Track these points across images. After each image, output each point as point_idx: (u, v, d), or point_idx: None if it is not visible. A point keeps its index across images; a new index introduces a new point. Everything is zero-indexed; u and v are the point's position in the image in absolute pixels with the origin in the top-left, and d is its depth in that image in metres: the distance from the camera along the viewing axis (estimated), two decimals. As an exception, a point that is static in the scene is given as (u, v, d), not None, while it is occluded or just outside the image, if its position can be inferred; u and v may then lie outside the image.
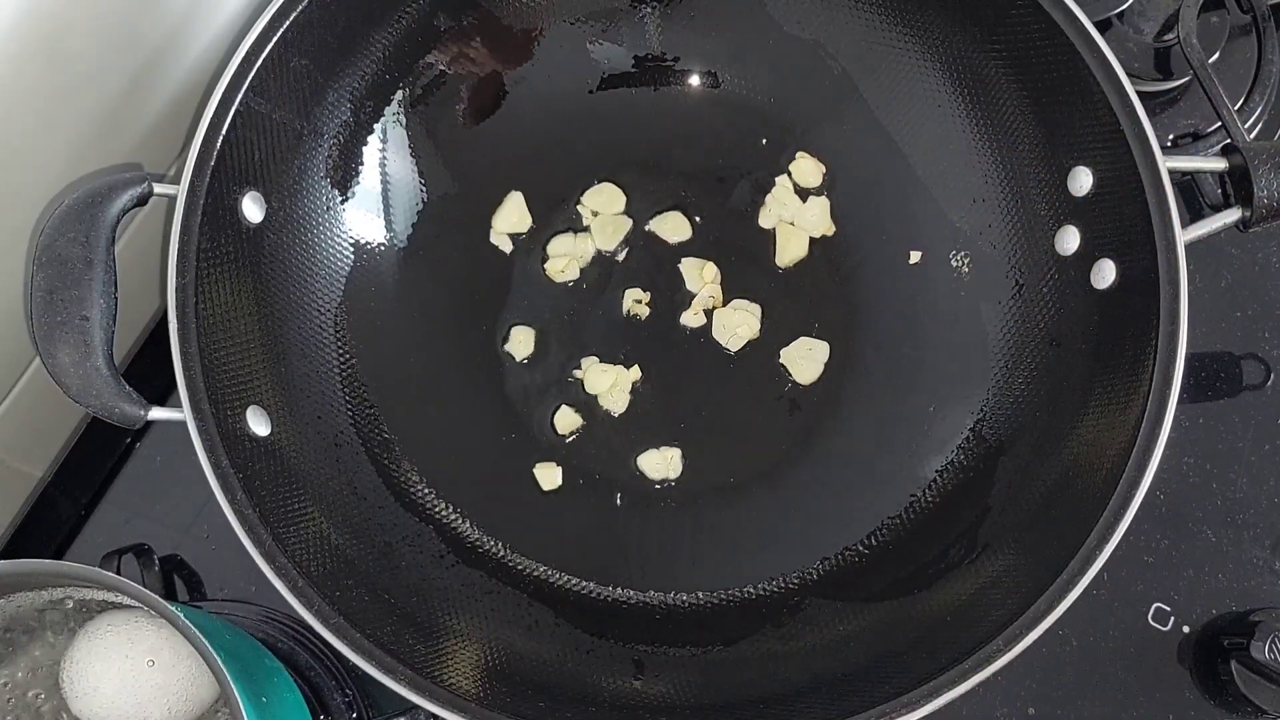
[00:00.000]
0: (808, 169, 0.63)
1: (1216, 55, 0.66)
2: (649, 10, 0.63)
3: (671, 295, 0.63)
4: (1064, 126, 0.56)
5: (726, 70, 0.64)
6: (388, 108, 0.61)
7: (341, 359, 0.60)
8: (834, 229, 0.63)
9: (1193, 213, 0.64)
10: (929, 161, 0.62)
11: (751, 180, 0.64)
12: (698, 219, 0.63)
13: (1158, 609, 0.60)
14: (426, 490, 0.60)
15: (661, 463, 0.60)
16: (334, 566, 0.54)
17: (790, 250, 0.62)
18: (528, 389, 0.62)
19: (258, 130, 0.55)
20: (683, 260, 0.63)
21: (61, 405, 0.52)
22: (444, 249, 0.62)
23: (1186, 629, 0.59)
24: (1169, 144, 0.67)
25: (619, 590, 0.59)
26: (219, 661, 0.43)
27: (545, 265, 0.62)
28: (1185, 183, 0.64)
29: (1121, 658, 0.59)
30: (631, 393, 0.61)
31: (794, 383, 0.61)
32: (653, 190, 0.63)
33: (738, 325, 0.61)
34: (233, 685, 0.43)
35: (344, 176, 0.61)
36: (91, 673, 0.50)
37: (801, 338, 0.62)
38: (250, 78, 0.53)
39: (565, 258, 0.62)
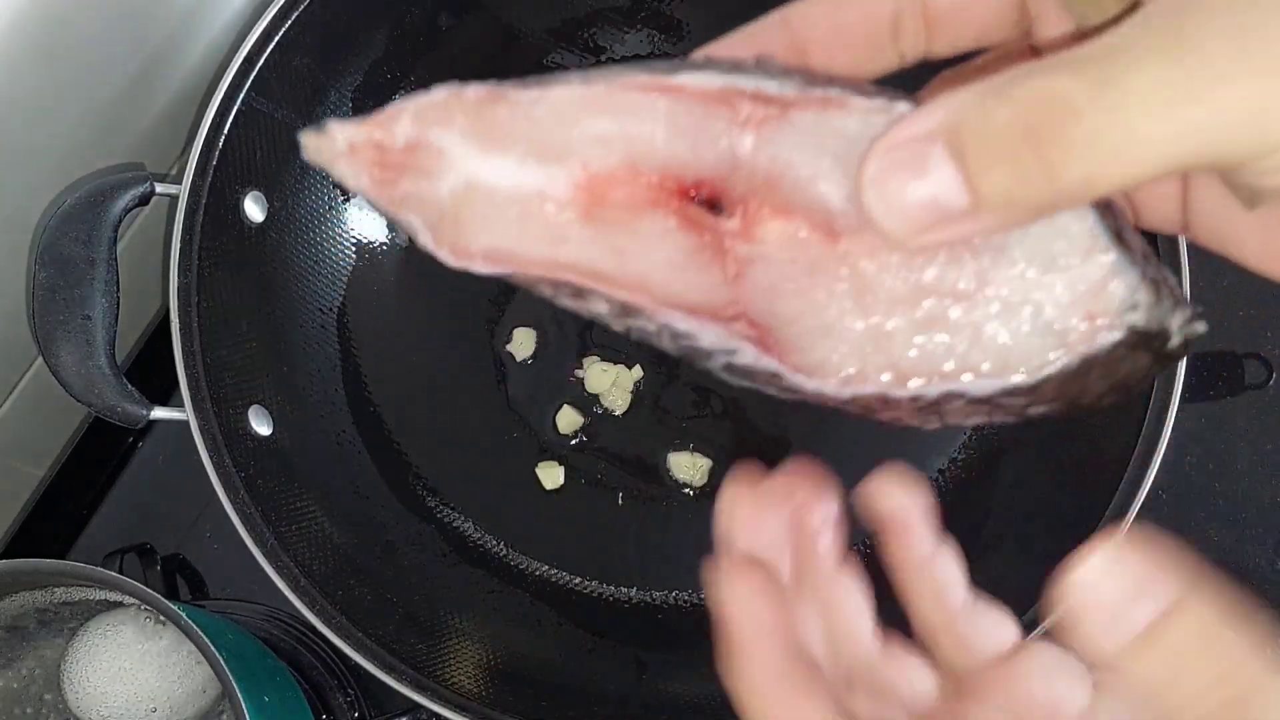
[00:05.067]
0: (809, 168, 0.63)
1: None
2: (650, 10, 0.63)
3: (673, 295, 0.62)
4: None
5: (728, 70, 0.64)
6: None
7: (343, 358, 0.60)
8: (836, 228, 0.63)
9: (1195, 212, 0.64)
10: (931, 161, 0.62)
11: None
12: (699, 218, 0.63)
13: (1160, 608, 0.60)
14: (428, 490, 0.60)
15: (690, 466, 0.60)
16: (336, 565, 0.54)
17: (792, 250, 0.62)
18: (530, 389, 0.62)
19: (260, 130, 0.55)
20: (684, 260, 0.63)
21: (63, 405, 0.52)
22: (446, 248, 0.62)
23: (1188, 628, 0.59)
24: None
25: (621, 590, 0.59)
26: (221, 661, 0.43)
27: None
28: (1187, 182, 0.64)
29: (1123, 657, 0.59)
30: (633, 392, 0.61)
31: (796, 382, 0.61)
32: (654, 190, 0.63)
33: (740, 324, 0.61)
34: (235, 684, 0.43)
35: (346, 176, 0.60)
36: (93, 672, 0.50)
37: (803, 337, 0.62)
38: (252, 77, 0.53)
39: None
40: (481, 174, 0.22)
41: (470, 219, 0.22)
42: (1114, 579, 0.19)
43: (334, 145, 0.22)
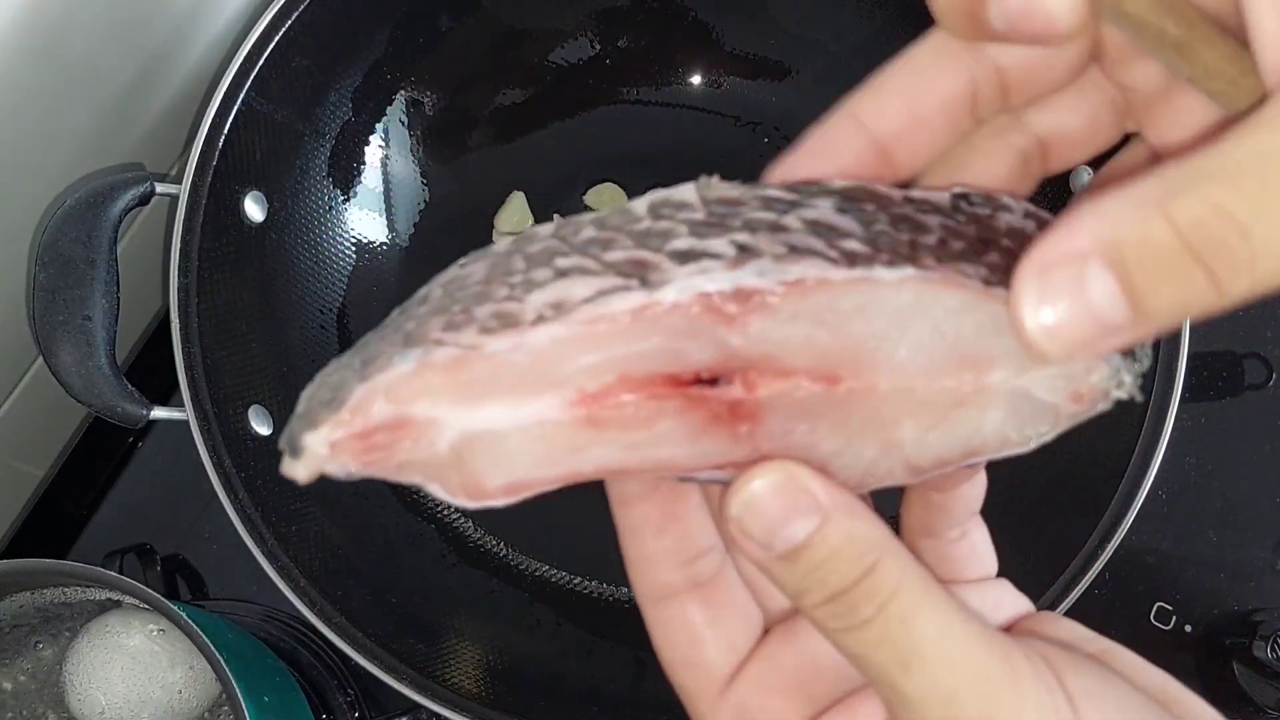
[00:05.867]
0: (809, 169, 0.63)
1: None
2: (651, 10, 0.63)
3: (673, 295, 0.62)
4: (1066, 126, 0.56)
5: (728, 70, 0.64)
6: (389, 107, 0.61)
7: (343, 359, 0.60)
8: (836, 228, 0.63)
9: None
10: (931, 161, 0.62)
11: (753, 180, 0.64)
12: (699, 218, 0.63)
13: (1160, 608, 0.60)
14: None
15: None
16: (336, 566, 0.54)
17: (792, 250, 0.62)
18: (529, 388, 0.62)
19: (260, 130, 0.55)
20: (684, 260, 0.62)
21: (64, 405, 0.52)
22: (446, 249, 0.62)
23: (1189, 628, 0.59)
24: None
25: (621, 590, 0.59)
26: (221, 661, 0.43)
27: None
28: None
29: (1123, 657, 0.59)
30: (633, 392, 0.61)
31: (796, 382, 0.61)
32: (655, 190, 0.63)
33: (739, 325, 0.61)
34: (235, 685, 0.43)
35: (346, 176, 0.61)
36: (93, 672, 0.50)
37: (803, 337, 0.61)
38: (252, 77, 0.53)
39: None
40: (477, 425, 0.21)
41: (477, 464, 0.21)
42: (774, 500, 0.21)
43: (317, 456, 0.21)
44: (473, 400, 0.21)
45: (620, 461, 0.22)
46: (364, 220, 0.61)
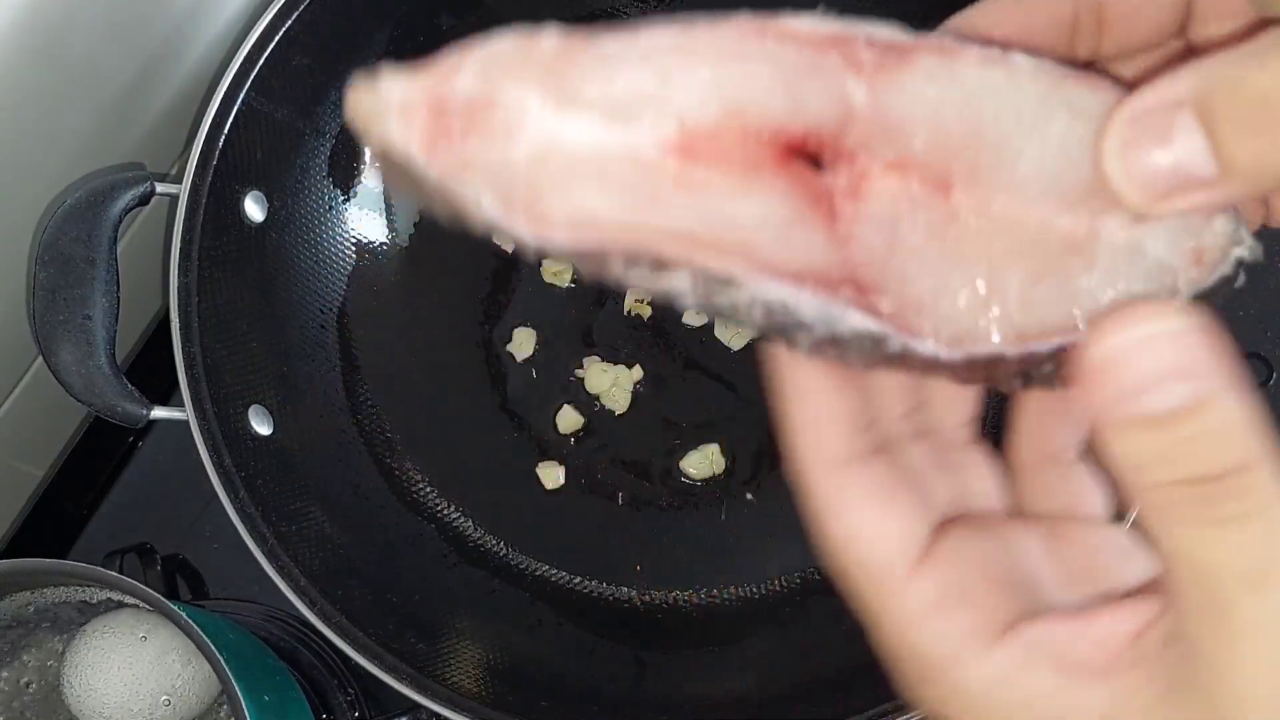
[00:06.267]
0: (810, 168, 0.63)
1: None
2: (651, 9, 0.63)
3: (673, 294, 0.62)
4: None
5: (728, 69, 0.64)
6: (390, 107, 0.61)
7: (343, 358, 0.60)
8: (836, 228, 0.63)
9: (1195, 212, 0.64)
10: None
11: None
12: (700, 218, 0.63)
13: (1160, 608, 0.60)
14: (429, 490, 0.60)
15: (704, 462, 0.60)
16: (336, 565, 0.54)
17: (792, 249, 0.62)
18: (530, 389, 0.62)
19: (260, 129, 0.55)
20: (685, 259, 0.62)
21: (64, 404, 0.52)
22: (446, 248, 0.62)
23: (1189, 628, 0.59)
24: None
25: (621, 590, 0.59)
26: (221, 661, 0.43)
27: (543, 266, 0.62)
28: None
29: (1124, 657, 0.59)
30: (633, 392, 0.61)
31: (796, 382, 0.61)
32: (655, 189, 0.63)
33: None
34: (235, 684, 0.43)
35: (346, 175, 0.61)
36: (93, 672, 0.50)
37: (803, 337, 0.61)
38: (253, 77, 0.53)
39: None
40: (563, 133, 0.19)
41: (551, 184, 0.19)
42: (1158, 351, 0.18)
43: (387, 101, 0.19)
44: (567, 101, 0.19)
45: (699, 230, 0.19)
46: (364, 220, 0.61)
